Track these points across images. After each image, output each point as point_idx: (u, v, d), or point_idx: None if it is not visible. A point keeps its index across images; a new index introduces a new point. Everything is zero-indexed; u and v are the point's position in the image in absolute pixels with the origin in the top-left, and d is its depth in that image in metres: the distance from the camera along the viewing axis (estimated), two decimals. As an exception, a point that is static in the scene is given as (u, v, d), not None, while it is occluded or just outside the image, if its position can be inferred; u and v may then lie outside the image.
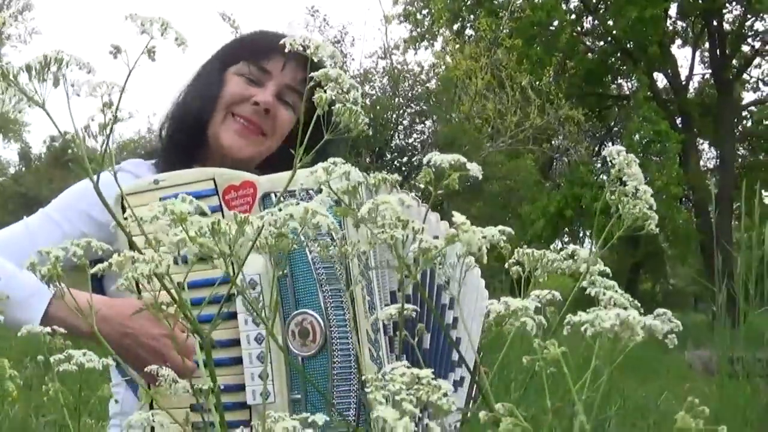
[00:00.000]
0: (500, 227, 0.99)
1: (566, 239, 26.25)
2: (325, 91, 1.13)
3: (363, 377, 1.59)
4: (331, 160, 0.98)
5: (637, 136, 21.36)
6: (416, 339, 1.72)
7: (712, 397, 4.39)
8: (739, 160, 24.94)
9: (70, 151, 1.16)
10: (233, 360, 1.65)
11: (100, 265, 1.04)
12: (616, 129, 26.03)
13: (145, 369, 1.40)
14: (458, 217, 0.88)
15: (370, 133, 1.18)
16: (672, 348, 1.04)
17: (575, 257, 1.26)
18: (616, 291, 1.18)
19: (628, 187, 1.22)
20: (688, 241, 21.20)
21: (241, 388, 1.64)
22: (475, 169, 0.95)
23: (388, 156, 15.19)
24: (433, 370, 1.53)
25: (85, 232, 1.92)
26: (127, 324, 1.66)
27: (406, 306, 1.32)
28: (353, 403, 1.61)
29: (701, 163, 24.18)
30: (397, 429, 0.62)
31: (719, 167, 23.83)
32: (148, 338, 1.67)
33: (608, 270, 1.23)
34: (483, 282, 1.98)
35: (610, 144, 26.54)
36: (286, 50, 1.19)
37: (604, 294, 1.15)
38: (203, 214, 0.85)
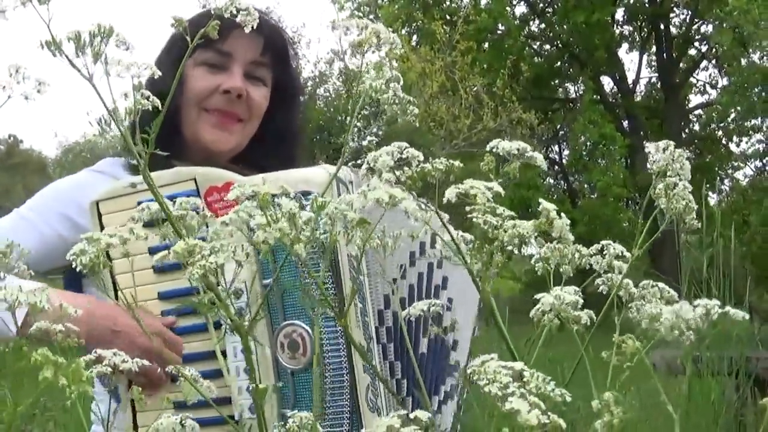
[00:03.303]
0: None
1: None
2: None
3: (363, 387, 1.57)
4: (395, 144, 0.95)
5: (582, 138, 21.58)
6: (431, 338, 1.70)
7: (681, 396, 4.42)
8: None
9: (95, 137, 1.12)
10: (217, 372, 1.51)
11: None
12: (562, 132, 26.23)
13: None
14: (546, 204, 0.87)
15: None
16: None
17: (605, 254, 1.25)
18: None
19: (669, 181, 1.21)
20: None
21: (226, 401, 1.55)
22: (539, 159, 0.94)
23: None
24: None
25: (62, 235, 1.86)
26: (118, 323, 1.59)
27: (435, 301, 1.30)
28: (347, 417, 1.54)
29: (648, 165, 24.39)
30: (531, 419, 0.61)
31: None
32: (140, 335, 1.57)
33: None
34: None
35: (556, 147, 26.79)
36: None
37: (652, 287, 1.15)
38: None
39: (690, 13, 23.79)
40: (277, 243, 0.83)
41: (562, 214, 0.92)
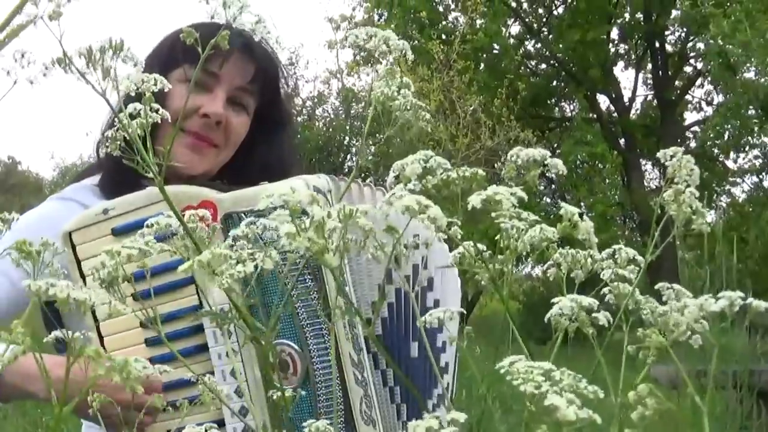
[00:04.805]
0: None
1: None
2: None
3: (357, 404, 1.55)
4: (421, 152, 0.95)
5: (577, 156, 21.62)
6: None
7: (684, 409, 4.43)
8: (682, 179, 25.17)
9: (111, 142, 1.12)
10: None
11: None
12: (559, 151, 26.29)
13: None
14: (570, 208, 0.89)
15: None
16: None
17: (617, 258, 1.26)
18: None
19: (678, 187, 1.22)
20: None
21: (219, 424, 1.49)
22: (559, 165, 0.95)
23: (342, 178, 15.22)
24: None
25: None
26: (97, 383, 1.50)
27: (451, 309, 1.31)
28: None
29: (645, 183, 24.46)
30: (568, 415, 0.63)
31: (663, 187, 24.09)
32: (119, 391, 1.47)
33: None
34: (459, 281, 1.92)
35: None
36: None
37: (668, 289, 1.16)
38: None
39: (685, 30, 23.88)
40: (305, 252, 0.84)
41: (585, 217, 0.94)
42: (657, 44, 24.38)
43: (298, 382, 1.52)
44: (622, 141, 24.18)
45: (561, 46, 23.08)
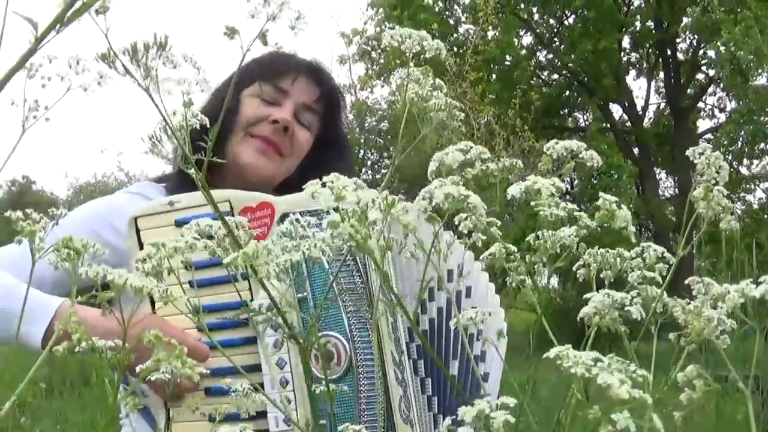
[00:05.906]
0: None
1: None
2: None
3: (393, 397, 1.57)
4: (462, 143, 0.97)
5: (593, 165, 21.51)
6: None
7: (709, 414, 4.43)
8: (697, 187, 25.09)
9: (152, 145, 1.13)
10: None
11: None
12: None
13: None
14: (607, 197, 0.91)
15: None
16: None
17: (645, 256, 1.27)
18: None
19: (707, 185, 1.23)
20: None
21: (261, 415, 1.53)
22: (595, 157, 0.97)
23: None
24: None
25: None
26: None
27: (484, 310, 1.30)
28: (381, 426, 1.55)
29: (660, 192, 24.38)
30: (621, 393, 0.64)
31: (677, 196, 24.08)
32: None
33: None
34: (498, 299, 1.89)
35: (568, 177, 26.76)
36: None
37: (698, 283, 1.17)
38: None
39: (696, 37, 23.80)
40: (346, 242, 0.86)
41: (623, 206, 0.95)
42: (668, 52, 24.31)
43: (342, 372, 1.56)
44: (636, 150, 24.08)
45: (573, 56, 23.03)
